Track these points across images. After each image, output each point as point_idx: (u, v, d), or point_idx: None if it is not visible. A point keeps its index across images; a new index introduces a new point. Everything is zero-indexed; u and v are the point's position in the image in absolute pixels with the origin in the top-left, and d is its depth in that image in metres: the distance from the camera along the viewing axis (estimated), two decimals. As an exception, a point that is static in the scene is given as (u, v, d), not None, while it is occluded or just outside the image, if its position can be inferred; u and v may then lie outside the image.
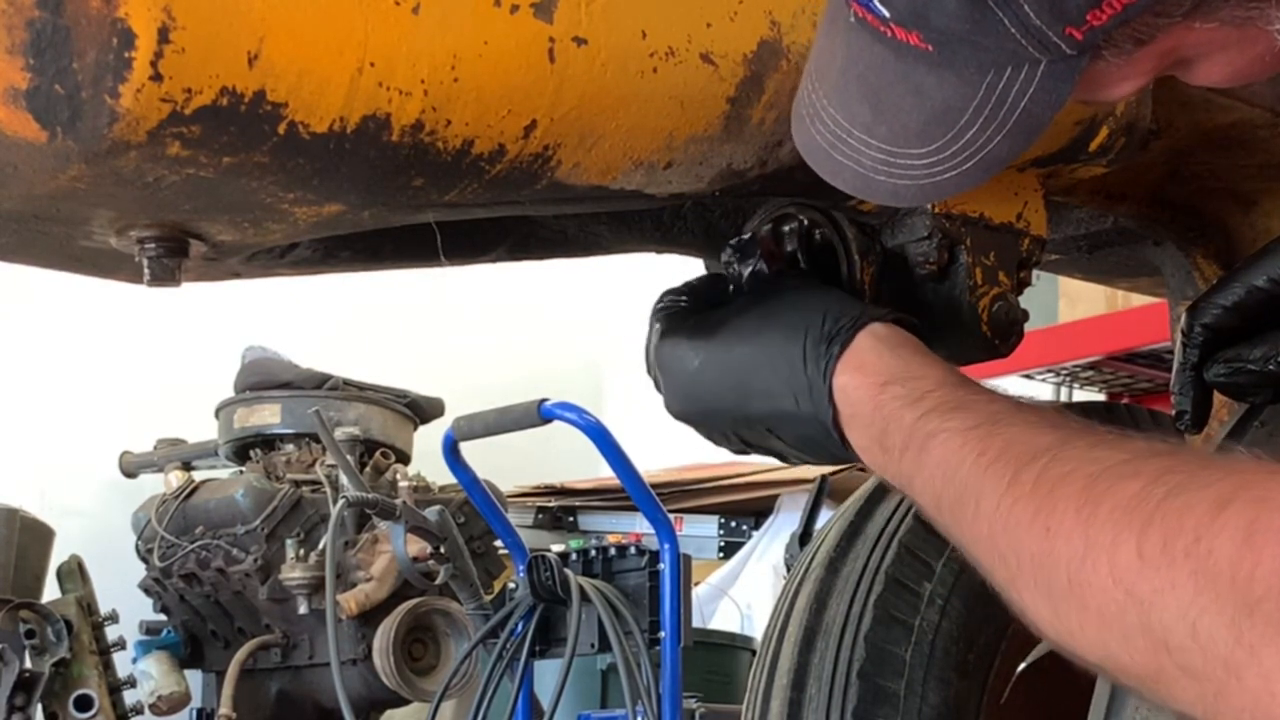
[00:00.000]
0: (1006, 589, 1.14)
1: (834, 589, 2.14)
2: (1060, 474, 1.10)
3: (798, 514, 3.32)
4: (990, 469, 1.15)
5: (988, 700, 2.16)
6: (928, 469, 1.22)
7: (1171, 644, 0.99)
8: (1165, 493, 1.02)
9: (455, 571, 2.39)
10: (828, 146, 1.15)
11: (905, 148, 1.12)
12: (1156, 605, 0.99)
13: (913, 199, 1.15)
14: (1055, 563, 1.07)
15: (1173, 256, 2.01)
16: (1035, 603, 1.10)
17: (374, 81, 1.14)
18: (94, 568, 4.28)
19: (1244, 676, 0.95)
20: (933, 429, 1.23)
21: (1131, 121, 1.63)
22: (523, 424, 2.15)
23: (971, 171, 1.12)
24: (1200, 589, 0.97)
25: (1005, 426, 1.19)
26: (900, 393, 1.29)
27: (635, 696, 2.09)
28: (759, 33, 1.34)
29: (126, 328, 5.22)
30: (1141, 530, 1.01)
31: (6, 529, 4.17)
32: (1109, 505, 1.05)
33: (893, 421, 1.27)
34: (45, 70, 1.07)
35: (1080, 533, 1.05)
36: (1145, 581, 1.00)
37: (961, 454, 1.19)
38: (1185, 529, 0.99)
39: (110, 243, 1.27)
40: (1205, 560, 0.97)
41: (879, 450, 1.30)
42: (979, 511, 1.15)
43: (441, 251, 1.39)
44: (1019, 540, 1.10)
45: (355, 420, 4.42)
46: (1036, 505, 1.10)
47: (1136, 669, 1.02)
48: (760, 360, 1.38)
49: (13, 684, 3.88)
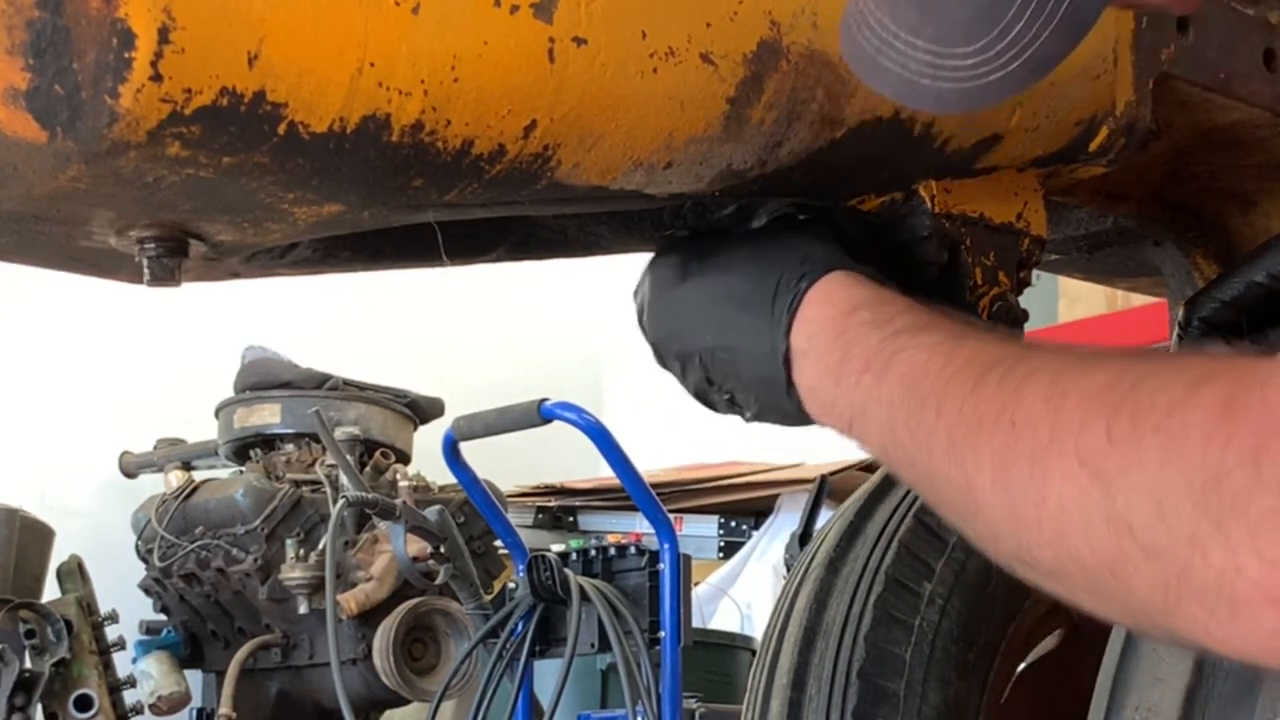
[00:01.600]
0: (959, 502, 1.11)
1: (834, 589, 2.15)
2: (1027, 372, 1.08)
3: (798, 514, 3.32)
4: (956, 375, 1.14)
5: (988, 700, 2.16)
6: (886, 386, 1.20)
7: (1136, 524, 0.96)
8: (1137, 378, 0.99)
9: (455, 571, 2.39)
10: (874, 52, 1.14)
11: (951, 47, 1.11)
12: (1122, 484, 0.96)
13: (957, 104, 1.13)
14: (1018, 455, 1.04)
15: (1173, 256, 2.01)
16: (991, 508, 1.07)
17: (374, 81, 1.14)
18: (94, 568, 4.28)
19: (1209, 552, 0.92)
20: (899, 346, 1.22)
21: (1131, 121, 1.63)
22: (523, 424, 2.15)
23: (1018, 72, 1.11)
24: (1168, 461, 0.94)
25: (973, 339, 1.18)
26: (867, 317, 1.29)
27: (635, 696, 2.09)
28: (759, 33, 1.34)
29: (126, 328, 5.22)
30: (1112, 413, 0.99)
31: (6, 529, 4.17)
32: (1078, 393, 1.02)
33: (856, 345, 1.27)
34: (45, 70, 1.07)
35: (1047, 421, 1.03)
36: (1112, 461, 0.97)
37: (927, 365, 1.18)
38: (1158, 406, 0.96)
39: (110, 243, 1.27)
40: (1177, 434, 0.94)
41: (831, 382, 1.28)
42: (939, 417, 1.13)
43: (442, 251, 1.39)
44: (979, 439, 1.08)
45: (355, 420, 4.42)
46: (1002, 402, 1.08)
47: (1095, 560, 0.99)
48: (735, 289, 1.39)
49: (13, 684, 3.88)
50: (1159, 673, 1.62)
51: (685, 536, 5.12)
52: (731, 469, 5.40)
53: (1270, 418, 0.91)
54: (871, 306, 1.30)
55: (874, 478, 2.27)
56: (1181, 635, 0.97)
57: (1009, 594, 2.16)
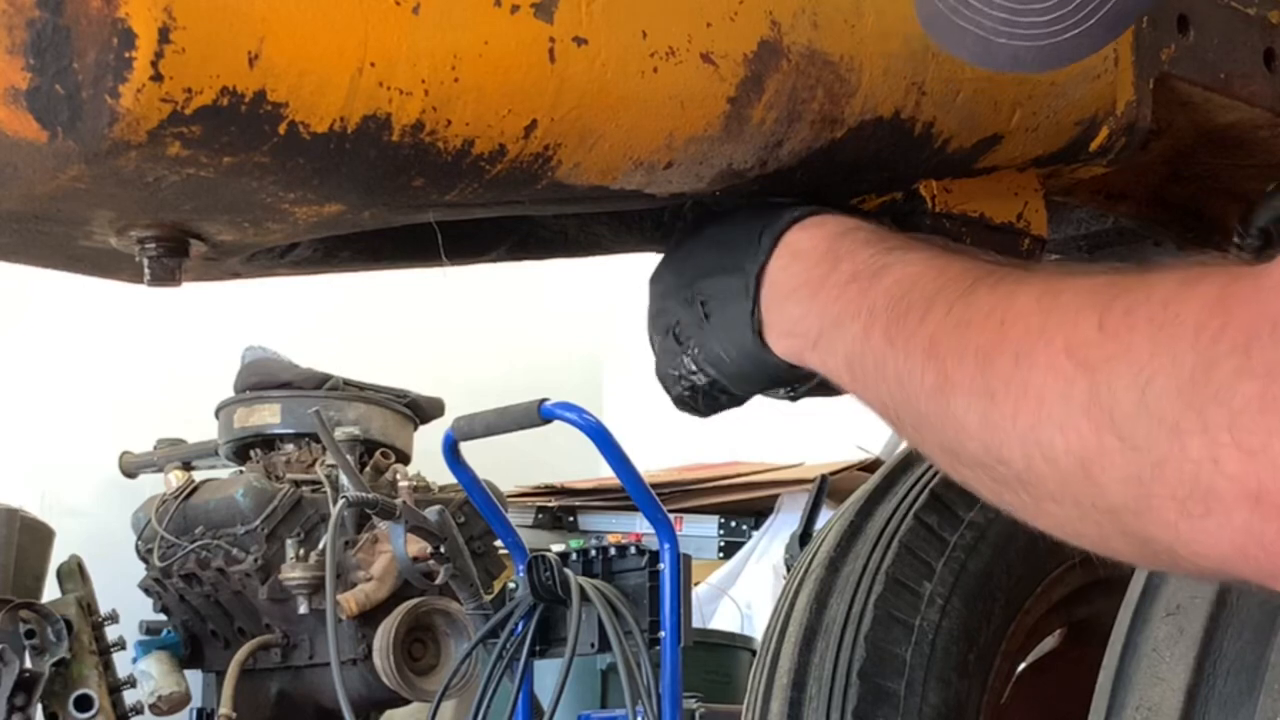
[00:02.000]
0: (928, 406, 1.09)
1: (834, 589, 2.15)
2: (1020, 278, 1.07)
3: (798, 514, 3.32)
4: (948, 285, 1.13)
5: (988, 700, 2.16)
6: (870, 296, 1.19)
7: (1117, 413, 0.94)
8: (1134, 277, 0.99)
9: (455, 571, 2.39)
10: (949, 13, 1.14)
11: (1029, 3, 1.10)
12: (1107, 371, 0.95)
13: (1033, 63, 1.13)
14: (1002, 348, 1.03)
15: (1173, 257, 2.01)
16: (964, 407, 1.05)
17: (374, 81, 1.14)
18: (94, 568, 4.28)
19: (1188, 443, 0.90)
20: (891, 261, 1.22)
21: (1131, 121, 1.63)
22: (523, 424, 2.15)
23: (1094, 30, 1.10)
24: (1157, 349, 0.93)
25: (968, 255, 1.18)
26: (861, 237, 1.28)
27: (635, 696, 2.09)
28: (759, 33, 1.34)
29: (126, 328, 5.22)
30: (1105, 306, 0.97)
31: (6, 529, 4.17)
32: (1072, 291, 1.01)
33: (845, 259, 1.26)
34: (45, 70, 1.07)
35: (1038, 315, 1.02)
36: (1100, 350, 0.96)
37: (918, 276, 1.17)
38: (1153, 299, 0.95)
39: (110, 243, 1.27)
40: (1170, 323, 0.93)
41: (805, 296, 1.28)
42: (923, 322, 1.12)
43: (442, 251, 1.39)
44: (964, 337, 1.07)
45: (355, 420, 4.42)
46: (992, 304, 1.07)
47: (1068, 455, 0.97)
48: (725, 234, 1.39)
49: (13, 684, 3.88)
50: (1160, 672, 1.62)
51: (685, 536, 5.12)
52: (731, 469, 5.40)
53: (1264, 307, 0.90)
54: (867, 229, 1.30)
55: (874, 477, 2.28)
56: (1149, 539, 0.95)
57: (1010, 594, 2.16)
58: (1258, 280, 0.91)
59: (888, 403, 1.17)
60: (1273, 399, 0.87)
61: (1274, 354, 0.88)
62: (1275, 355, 0.88)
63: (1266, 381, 0.88)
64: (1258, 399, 0.88)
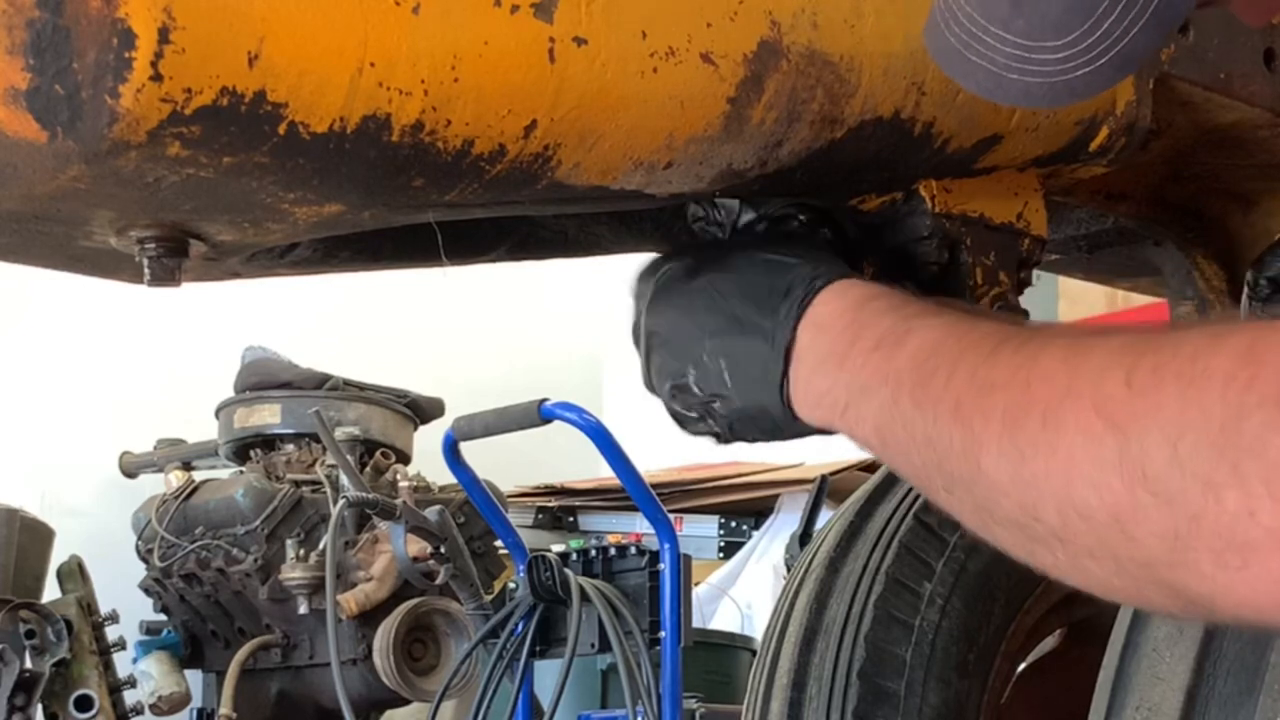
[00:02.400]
0: (959, 466, 1.09)
1: (834, 589, 2.15)
2: (1044, 341, 1.07)
3: (798, 514, 3.32)
4: (971, 348, 1.13)
5: (988, 700, 2.16)
6: (896, 363, 1.19)
7: (1150, 469, 0.93)
8: (1162, 335, 0.98)
9: (455, 571, 2.39)
10: (961, 47, 1.14)
11: (1041, 41, 1.11)
12: (1138, 429, 0.94)
13: (1044, 98, 1.14)
14: (1030, 409, 1.02)
15: (1173, 257, 2.01)
16: (995, 468, 1.05)
17: (374, 81, 1.14)
18: (94, 568, 4.28)
19: (1223, 496, 0.90)
20: (913, 326, 1.21)
21: (1132, 121, 1.63)
22: (523, 424, 2.15)
23: (1105, 69, 1.11)
24: (1187, 405, 0.92)
25: (990, 320, 1.18)
26: (883, 305, 1.28)
27: (635, 696, 2.09)
28: (759, 33, 1.34)
29: (126, 328, 5.22)
30: (1133, 363, 0.97)
31: (6, 529, 4.17)
32: (1099, 350, 1.01)
33: (869, 327, 1.25)
34: (45, 70, 1.07)
35: (1065, 374, 1.01)
36: (1129, 408, 0.95)
37: (941, 340, 1.16)
38: (1181, 354, 0.95)
39: (110, 243, 1.27)
40: (1199, 377, 0.92)
41: (832, 367, 1.27)
42: (948, 386, 1.11)
43: (443, 252, 1.39)
44: (990, 399, 1.06)
45: (355, 420, 4.42)
46: (1017, 365, 1.06)
47: (1103, 512, 0.96)
48: (746, 289, 1.37)
49: (13, 684, 3.88)
50: (1160, 672, 1.62)
51: (685, 536, 5.12)
52: (731, 469, 5.40)
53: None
54: (886, 297, 1.30)
55: (874, 478, 2.27)
56: (1186, 590, 0.95)
57: (1010, 594, 2.16)
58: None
59: (919, 466, 1.16)
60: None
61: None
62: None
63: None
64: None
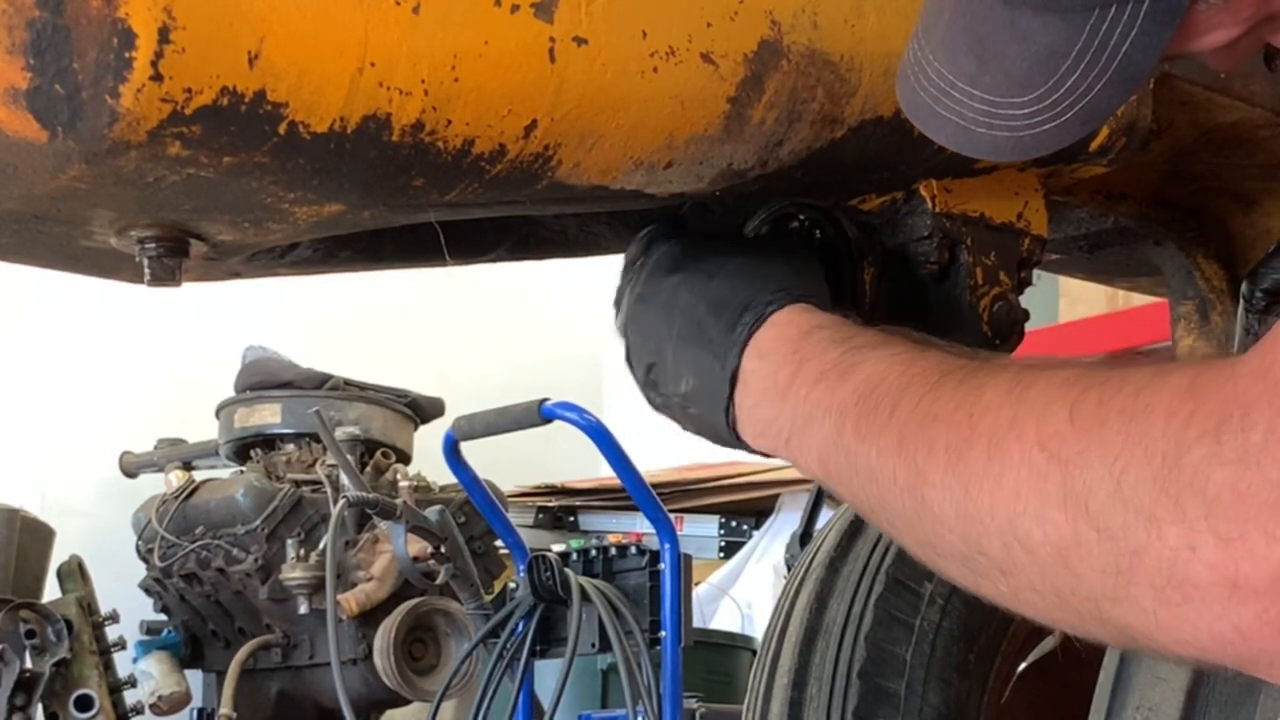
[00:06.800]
0: (903, 501, 1.09)
1: (834, 589, 2.15)
2: (988, 374, 1.08)
3: (798, 514, 3.32)
4: (915, 380, 1.13)
5: (988, 700, 2.16)
6: (839, 395, 1.19)
7: (1092, 504, 0.94)
8: (1104, 371, 0.99)
9: (456, 571, 2.39)
10: (931, 101, 1.16)
11: (1008, 97, 1.12)
12: (1081, 463, 0.95)
13: (1011, 152, 1.15)
14: (974, 442, 1.03)
15: (1173, 256, 2.01)
16: (939, 501, 1.05)
17: (374, 81, 1.14)
18: (94, 568, 4.28)
19: (1165, 532, 0.90)
20: (858, 359, 1.22)
21: (1132, 121, 1.63)
22: (523, 424, 2.15)
23: (1070, 123, 1.12)
24: (1130, 441, 0.93)
25: (935, 351, 1.18)
26: (827, 336, 1.28)
27: (636, 696, 2.09)
28: (759, 33, 1.34)
29: (127, 327, 5.22)
30: (1077, 398, 0.98)
31: (6, 529, 4.17)
32: (1042, 384, 1.02)
33: (812, 359, 1.26)
34: (45, 70, 1.07)
35: (1009, 408, 1.02)
36: (1072, 443, 0.96)
37: (885, 373, 1.17)
38: (1125, 389, 0.96)
39: (110, 243, 1.27)
40: (1141, 412, 0.93)
41: (775, 398, 1.27)
42: (892, 417, 1.12)
43: (445, 251, 1.39)
44: (934, 430, 1.07)
45: (355, 420, 4.42)
46: (960, 398, 1.07)
47: (1046, 546, 0.97)
48: (713, 299, 1.38)
49: (13, 684, 3.88)
50: (1160, 672, 1.62)
51: (686, 536, 5.12)
52: (732, 469, 5.39)
53: (1233, 391, 0.90)
54: (833, 327, 1.30)
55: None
56: (1127, 626, 0.95)
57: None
58: (1232, 367, 0.92)
59: (862, 499, 1.17)
60: (1246, 486, 0.88)
61: (1245, 439, 0.88)
62: (1246, 440, 0.88)
63: (1238, 468, 0.88)
64: (1230, 486, 0.88)
